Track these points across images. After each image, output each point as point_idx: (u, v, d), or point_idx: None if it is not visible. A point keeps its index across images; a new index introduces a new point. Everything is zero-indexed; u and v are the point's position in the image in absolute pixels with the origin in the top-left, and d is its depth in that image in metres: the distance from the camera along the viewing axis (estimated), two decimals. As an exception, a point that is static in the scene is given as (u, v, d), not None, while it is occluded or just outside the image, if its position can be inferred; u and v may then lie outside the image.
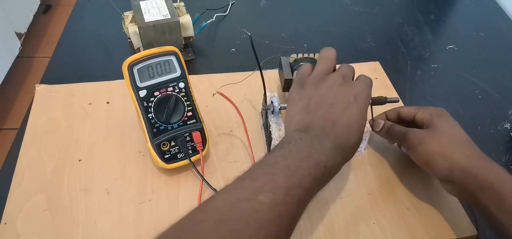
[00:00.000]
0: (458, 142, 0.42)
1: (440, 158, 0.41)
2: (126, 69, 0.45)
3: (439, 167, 0.41)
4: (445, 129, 0.43)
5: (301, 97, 0.39)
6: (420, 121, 0.46)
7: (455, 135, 0.42)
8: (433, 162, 0.41)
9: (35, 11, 1.67)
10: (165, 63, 0.47)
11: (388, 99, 0.52)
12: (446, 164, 0.40)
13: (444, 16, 0.82)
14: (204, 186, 0.47)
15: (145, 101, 0.46)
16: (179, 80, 0.48)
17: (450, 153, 0.41)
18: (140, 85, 0.46)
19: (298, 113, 0.38)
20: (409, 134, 0.44)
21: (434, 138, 0.42)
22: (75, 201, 0.44)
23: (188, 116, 0.48)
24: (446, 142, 0.42)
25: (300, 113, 0.38)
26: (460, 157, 0.40)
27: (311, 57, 0.54)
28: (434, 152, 0.41)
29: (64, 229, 0.42)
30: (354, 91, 0.38)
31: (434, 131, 0.43)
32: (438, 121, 0.44)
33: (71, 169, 0.47)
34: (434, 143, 0.42)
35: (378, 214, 0.46)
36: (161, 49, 0.47)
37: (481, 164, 0.39)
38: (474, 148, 0.41)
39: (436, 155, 0.41)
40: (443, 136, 0.42)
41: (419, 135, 0.43)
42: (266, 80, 0.48)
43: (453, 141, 0.42)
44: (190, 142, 0.48)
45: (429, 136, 0.43)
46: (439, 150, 0.41)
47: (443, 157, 0.41)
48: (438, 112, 0.45)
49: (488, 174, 0.38)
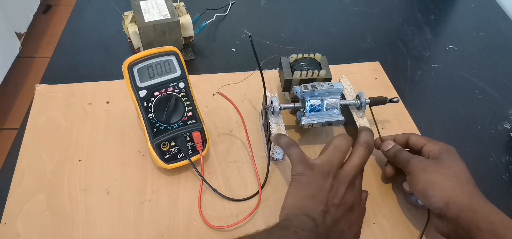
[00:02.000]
0: (461, 179, 0.41)
1: (438, 190, 0.40)
2: (126, 69, 0.45)
3: (436, 199, 0.40)
4: (451, 165, 0.42)
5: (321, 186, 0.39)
6: (427, 153, 0.45)
7: (460, 172, 0.41)
8: (431, 192, 0.40)
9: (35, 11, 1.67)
10: (165, 63, 0.47)
11: (388, 99, 0.52)
12: (443, 197, 0.40)
13: (444, 16, 0.82)
14: (204, 186, 0.47)
15: (145, 101, 0.46)
16: (179, 80, 0.48)
17: (451, 188, 0.40)
18: (140, 85, 0.46)
19: (311, 200, 0.38)
20: (414, 160, 0.44)
21: (437, 169, 0.42)
22: (75, 201, 0.44)
23: (188, 116, 0.48)
24: (449, 176, 0.41)
25: (313, 201, 0.38)
26: (461, 193, 0.39)
27: (311, 57, 0.54)
28: (434, 183, 0.41)
29: (64, 229, 0.42)
30: (354, 199, 0.40)
31: (439, 163, 0.42)
32: (446, 156, 0.43)
33: (71, 169, 0.47)
34: (437, 174, 0.41)
35: (378, 214, 0.46)
36: (161, 49, 0.47)
37: (482, 204, 0.39)
38: (476, 188, 0.41)
39: (435, 185, 0.40)
40: (447, 170, 0.41)
41: (423, 163, 0.43)
42: (266, 80, 0.48)
43: (456, 177, 0.41)
44: (190, 142, 0.48)
45: (433, 166, 0.42)
46: (440, 182, 0.40)
47: (442, 190, 0.40)
48: (447, 148, 0.44)
49: (489, 213, 0.38)
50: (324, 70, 0.52)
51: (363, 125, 0.49)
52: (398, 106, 0.59)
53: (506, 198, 0.49)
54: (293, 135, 0.54)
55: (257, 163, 0.50)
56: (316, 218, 0.36)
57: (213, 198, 0.46)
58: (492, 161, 0.54)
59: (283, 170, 0.50)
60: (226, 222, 0.44)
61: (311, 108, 0.49)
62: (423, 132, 0.55)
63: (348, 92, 0.54)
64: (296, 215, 0.37)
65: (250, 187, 0.48)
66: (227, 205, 0.46)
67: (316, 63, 0.54)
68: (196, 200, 0.46)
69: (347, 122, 0.52)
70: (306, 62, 0.53)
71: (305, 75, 0.51)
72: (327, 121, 0.49)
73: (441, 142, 0.45)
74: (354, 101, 0.51)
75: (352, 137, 0.44)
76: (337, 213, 0.38)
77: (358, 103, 0.51)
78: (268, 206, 0.46)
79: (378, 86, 0.63)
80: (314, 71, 0.51)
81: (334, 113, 0.49)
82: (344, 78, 0.56)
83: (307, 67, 0.53)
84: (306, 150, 0.52)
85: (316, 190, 0.38)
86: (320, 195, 0.38)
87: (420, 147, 0.46)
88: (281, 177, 0.49)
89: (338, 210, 0.38)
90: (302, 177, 0.40)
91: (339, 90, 0.49)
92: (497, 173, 0.52)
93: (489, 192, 0.49)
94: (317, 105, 0.49)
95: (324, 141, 0.54)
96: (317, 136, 0.54)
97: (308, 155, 0.51)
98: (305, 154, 0.42)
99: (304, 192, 0.39)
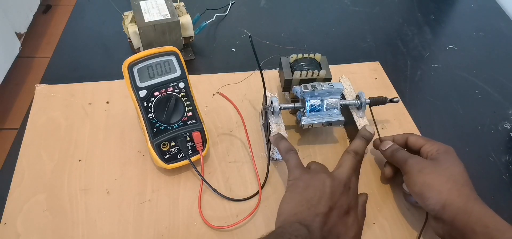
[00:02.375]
0: (458, 181, 0.41)
1: (435, 193, 0.40)
2: (126, 69, 0.45)
3: (432, 201, 0.40)
4: (448, 166, 0.42)
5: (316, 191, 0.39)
6: (425, 153, 0.45)
7: (457, 174, 0.41)
8: (427, 194, 0.40)
9: (35, 11, 1.67)
10: (165, 63, 0.47)
11: (388, 99, 0.52)
12: (439, 199, 0.40)
13: (444, 16, 0.82)
14: (204, 186, 0.47)
15: (145, 101, 0.46)
16: (179, 80, 0.48)
17: (448, 190, 0.40)
18: (140, 85, 0.46)
19: (305, 206, 0.38)
20: (411, 159, 0.44)
21: (435, 170, 0.41)
22: (75, 201, 0.44)
23: (188, 116, 0.48)
24: (446, 178, 0.41)
25: (307, 208, 0.38)
26: (457, 196, 0.39)
27: (311, 57, 0.54)
28: (431, 184, 0.41)
29: (64, 229, 0.42)
30: (349, 202, 0.40)
31: (437, 165, 0.42)
32: (444, 157, 0.43)
33: (71, 169, 0.47)
34: (434, 175, 0.41)
35: (378, 214, 0.46)
36: (161, 49, 0.47)
37: (477, 207, 0.38)
38: (472, 190, 0.40)
39: (431, 188, 0.40)
40: (444, 172, 0.41)
41: (421, 164, 0.43)
42: (266, 80, 0.48)
43: (453, 179, 0.41)
44: (190, 142, 0.48)
45: (430, 167, 0.42)
46: (436, 184, 0.40)
47: (439, 192, 0.40)
48: (446, 149, 0.44)
49: (483, 216, 0.37)
50: (324, 70, 0.52)
51: (363, 125, 0.49)
52: (398, 106, 0.59)
53: (506, 198, 0.49)
54: (293, 135, 0.54)
55: (257, 163, 0.50)
56: (310, 225, 0.37)
57: (213, 198, 0.46)
58: (492, 161, 0.54)
59: (282, 171, 0.50)
60: (226, 222, 0.44)
61: (311, 108, 0.49)
62: (423, 132, 0.55)
63: (348, 92, 0.54)
64: (290, 222, 0.37)
65: (250, 187, 0.48)
66: (227, 205, 0.46)
67: (316, 63, 0.54)
68: (196, 200, 0.46)
69: (347, 122, 0.52)
70: (306, 62, 0.53)
71: (305, 75, 0.51)
72: (327, 121, 0.49)
73: (440, 143, 0.45)
74: (354, 101, 0.51)
75: (351, 138, 0.44)
76: (332, 218, 0.38)
77: (358, 103, 0.51)
78: (268, 206, 0.46)
79: (378, 86, 0.63)
80: (314, 71, 0.51)
81: (334, 113, 0.49)
82: (344, 78, 0.56)
83: (307, 67, 0.53)
84: (306, 150, 0.52)
85: (311, 196, 0.39)
86: (314, 200, 0.38)
87: (419, 147, 0.46)
88: (281, 177, 0.49)
89: (333, 215, 0.38)
90: (299, 182, 0.40)
91: (339, 90, 0.49)
92: (497, 173, 0.52)
93: (489, 192, 0.50)
94: (317, 105, 0.49)
95: (324, 141, 0.54)
96: (317, 136, 0.54)
97: (308, 154, 0.51)
98: (301, 163, 0.43)
99: (300, 198, 0.39)
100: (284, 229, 0.36)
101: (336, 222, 0.38)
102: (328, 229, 0.37)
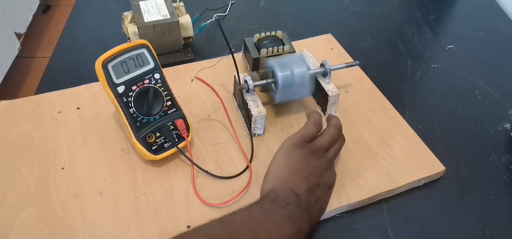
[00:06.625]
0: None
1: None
2: (100, 67, 0.45)
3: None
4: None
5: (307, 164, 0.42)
6: None
7: None
8: None
9: (35, 11, 1.66)
10: (137, 57, 0.47)
11: (348, 64, 0.58)
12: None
13: (444, 16, 0.82)
14: (195, 171, 0.47)
15: (124, 96, 0.46)
16: (154, 71, 0.48)
17: None
18: (117, 82, 0.46)
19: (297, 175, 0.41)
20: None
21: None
22: (68, 207, 0.44)
23: (168, 105, 0.49)
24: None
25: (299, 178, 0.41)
26: None
27: (272, 34, 0.58)
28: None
29: (63, 236, 0.41)
30: (332, 180, 0.44)
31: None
32: None
33: (56, 178, 0.46)
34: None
35: (359, 167, 0.50)
36: (131, 43, 0.47)
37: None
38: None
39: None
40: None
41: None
42: (231, 64, 0.51)
43: None
44: (174, 130, 0.48)
45: None
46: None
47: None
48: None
49: None
50: (288, 45, 0.56)
51: (331, 90, 0.53)
52: (356, 70, 0.64)
53: (506, 198, 0.49)
54: (269, 110, 0.56)
55: (241, 141, 0.51)
56: (300, 195, 0.40)
57: (206, 180, 0.47)
58: (492, 161, 0.54)
59: (266, 144, 0.52)
60: (224, 199, 0.45)
61: (284, 80, 0.50)
62: (423, 132, 0.55)
63: (311, 63, 0.58)
64: (283, 188, 0.40)
65: (239, 164, 0.49)
66: (222, 184, 0.47)
67: (278, 39, 0.58)
68: (190, 185, 0.46)
69: (315, 91, 0.56)
70: (269, 40, 0.57)
71: (271, 51, 0.55)
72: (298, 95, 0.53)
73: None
74: (320, 69, 0.55)
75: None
76: (318, 191, 0.42)
77: (323, 70, 0.55)
78: (259, 178, 0.46)
79: (334, 56, 0.67)
80: (279, 47, 0.55)
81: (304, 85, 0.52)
82: (305, 51, 0.61)
83: (271, 44, 0.56)
84: (283, 122, 0.55)
85: (303, 167, 0.42)
86: (305, 172, 0.41)
87: None
88: (266, 149, 0.51)
89: (319, 188, 0.42)
90: (298, 152, 0.42)
91: (304, 59, 0.52)
92: (497, 173, 0.52)
93: (489, 192, 0.49)
94: (288, 76, 0.50)
95: (297, 110, 0.57)
96: (290, 108, 0.57)
97: (285, 126, 0.55)
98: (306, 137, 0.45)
99: (294, 166, 0.42)
100: (277, 195, 0.39)
101: (320, 196, 0.42)
102: (314, 201, 0.41)
